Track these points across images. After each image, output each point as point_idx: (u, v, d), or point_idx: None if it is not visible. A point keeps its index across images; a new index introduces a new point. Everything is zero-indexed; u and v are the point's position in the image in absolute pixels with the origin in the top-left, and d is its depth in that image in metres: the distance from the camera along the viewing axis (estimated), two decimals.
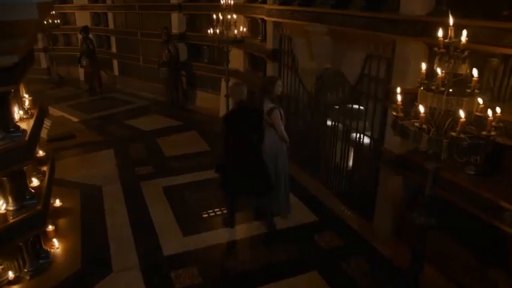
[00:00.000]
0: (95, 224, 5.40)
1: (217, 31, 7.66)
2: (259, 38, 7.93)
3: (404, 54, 4.19)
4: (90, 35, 11.87)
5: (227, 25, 7.67)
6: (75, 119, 9.82)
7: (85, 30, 11.69)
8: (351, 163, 5.68)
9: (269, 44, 7.10)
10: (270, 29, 7.01)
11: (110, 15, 12.10)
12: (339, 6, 5.01)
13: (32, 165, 4.66)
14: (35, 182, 4.67)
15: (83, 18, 13.03)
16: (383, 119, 4.70)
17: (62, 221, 5.44)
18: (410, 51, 4.10)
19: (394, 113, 2.79)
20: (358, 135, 5.25)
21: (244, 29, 7.76)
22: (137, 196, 6.07)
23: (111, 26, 12.25)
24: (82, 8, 13.03)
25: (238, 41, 7.78)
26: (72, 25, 13.47)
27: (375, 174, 4.98)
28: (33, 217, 4.11)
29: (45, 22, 12.32)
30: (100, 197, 6.04)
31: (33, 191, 4.37)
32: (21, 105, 4.69)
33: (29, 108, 4.94)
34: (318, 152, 6.28)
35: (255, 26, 8.25)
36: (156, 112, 10.22)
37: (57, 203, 5.70)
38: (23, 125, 4.34)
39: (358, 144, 5.30)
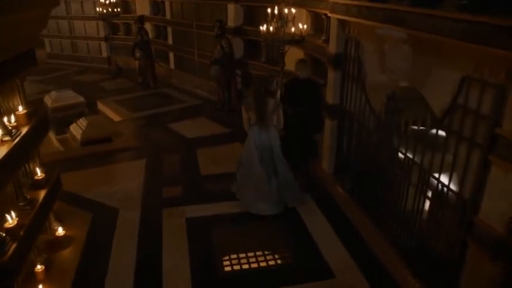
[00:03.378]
0: (95, 265, 4.45)
1: (271, 28, 6.37)
2: (323, 38, 6.49)
3: None
4: (145, 26, 11.10)
5: (284, 21, 6.35)
6: (117, 118, 9.10)
7: (140, 20, 10.94)
8: (426, 218, 4.16)
9: (332, 47, 5.66)
10: (334, 28, 5.56)
11: (167, 4, 11.21)
12: (425, 4, 3.45)
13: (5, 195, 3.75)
14: (9, 219, 3.71)
15: (142, 7, 12.32)
16: (481, 174, 3.16)
17: (58, 257, 4.55)
18: None
19: None
20: (440, 184, 3.73)
21: (305, 26, 6.37)
22: (154, 228, 5.03)
23: (168, 16, 11.37)
24: None
25: (296, 41, 6.43)
26: (132, 14, 12.83)
27: (459, 249, 3.46)
28: None
29: (104, 11, 11.83)
30: (112, 226, 5.09)
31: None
32: (1, 121, 3.75)
33: (17, 126, 4.00)
34: (382, 193, 4.80)
35: (319, 22, 6.81)
36: (205, 114, 9.13)
37: (60, 231, 4.82)
38: None
39: (439, 197, 3.78)
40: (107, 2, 11.95)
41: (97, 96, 10.67)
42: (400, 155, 4.35)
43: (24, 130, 4.01)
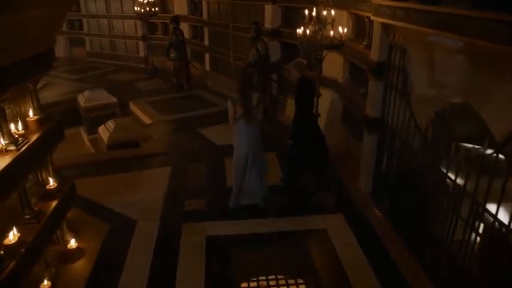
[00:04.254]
0: (104, 283, 4.16)
1: (308, 31, 5.87)
2: (364, 43, 5.93)
3: None
4: (181, 26, 10.84)
5: (322, 24, 5.84)
6: (148, 120, 8.87)
7: (175, 20, 10.70)
8: (476, 256, 3.56)
9: (374, 54, 5.11)
10: (377, 33, 5.02)
11: (204, 3, 10.92)
12: (490, 7, 2.86)
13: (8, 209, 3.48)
14: (9, 235, 3.43)
15: (180, 7, 12.12)
16: None
17: (67, 270, 4.27)
18: None
19: None
20: (496, 221, 3.13)
21: (345, 30, 5.83)
22: (171, 245, 4.66)
23: (204, 16, 11.07)
24: None
25: (335, 46, 5.90)
26: (170, 13, 12.63)
27: None
28: None
29: (142, 10, 11.70)
30: (128, 240, 4.76)
31: None
32: (5, 129, 3.47)
33: (26, 133, 3.73)
34: (425, 222, 4.22)
35: (361, 26, 6.25)
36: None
37: (72, 243, 4.53)
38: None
39: (495, 236, 3.18)
40: (145, 1, 11.82)
41: (131, 97, 10.54)
42: (449, 180, 3.76)
43: (33, 138, 3.76)
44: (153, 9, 11.96)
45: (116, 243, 4.73)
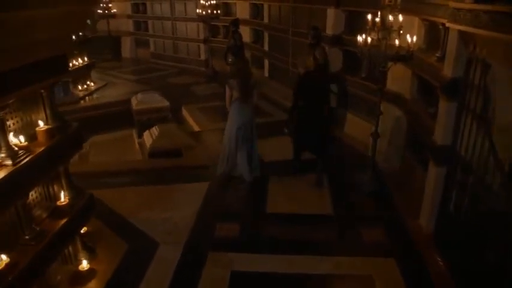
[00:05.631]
0: None
1: (369, 39, 5.06)
2: (437, 54, 4.99)
3: None
4: (240, 30, 10.35)
5: (387, 31, 5.01)
6: (197, 128, 8.46)
7: (234, 23, 10.22)
8: None
9: (447, 69, 4.21)
10: (452, 43, 4.11)
11: (265, 7, 10.36)
12: None
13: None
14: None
15: (243, 10, 11.70)
16: None
17: None
18: None
19: None
20: None
21: (414, 39, 4.93)
22: (191, 278, 4.09)
23: (265, 19, 10.51)
24: None
25: (401, 57, 5.02)
26: (232, 16, 12.25)
27: None
28: None
29: (204, 12, 11.37)
30: (145, 265, 4.26)
31: None
32: (3, 142, 3.08)
33: (31, 145, 3.33)
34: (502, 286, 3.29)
35: (434, 34, 5.31)
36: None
37: (84, 264, 4.12)
38: None
39: None
40: (208, 3, 11.50)
41: (185, 101, 10.25)
42: None
43: (39, 150, 3.36)
44: (215, 11, 11.61)
45: (132, 267, 4.26)
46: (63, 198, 3.84)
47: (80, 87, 10.88)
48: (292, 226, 4.92)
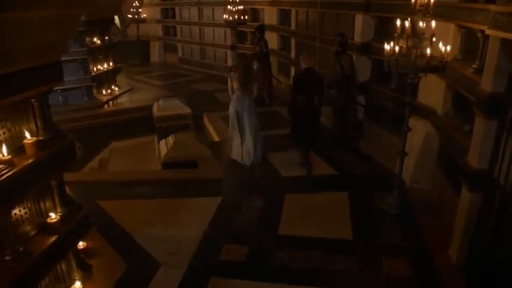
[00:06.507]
0: None
1: (397, 48, 4.59)
2: (474, 65, 4.46)
3: None
4: (266, 36, 10.02)
5: (418, 39, 4.52)
6: (216, 138, 8.15)
7: (260, 29, 9.91)
8: None
9: (486, 82, 3.70)
10: (493, 53, 3.60)
11: (292, 13, 9.97)
12: None
13: None
14: None
15: (271, 16, 11.36)
16: None
17: None
18: None
19: None
20: None
21: (448, 48, 4.42)
22: None
23: (292, 26, 10.12)
24: (271, 3, 11.29)
25: (433, 68, 4.52)
26: (260, 22, 11.93)
27: None
28: None
29: (230, 18, 11.10)
30: None
31: None
32: None
33: (14, 159, 3.06)
34: None
35: (471, 42, 4.77)
36: (314, 148, 7.41)
37: (77, 286, 3.84)
38: None
39: None
40: (235, 9, 11.21)
41: (208, 108, 9.97)
42: None
43: (23, 164, 3.09)
44: (242, 17, 11.30)
45: None
46: (53, 215, 3.57)
47: (104, 92, 10.81)
48: (305, 251, 4.48)
